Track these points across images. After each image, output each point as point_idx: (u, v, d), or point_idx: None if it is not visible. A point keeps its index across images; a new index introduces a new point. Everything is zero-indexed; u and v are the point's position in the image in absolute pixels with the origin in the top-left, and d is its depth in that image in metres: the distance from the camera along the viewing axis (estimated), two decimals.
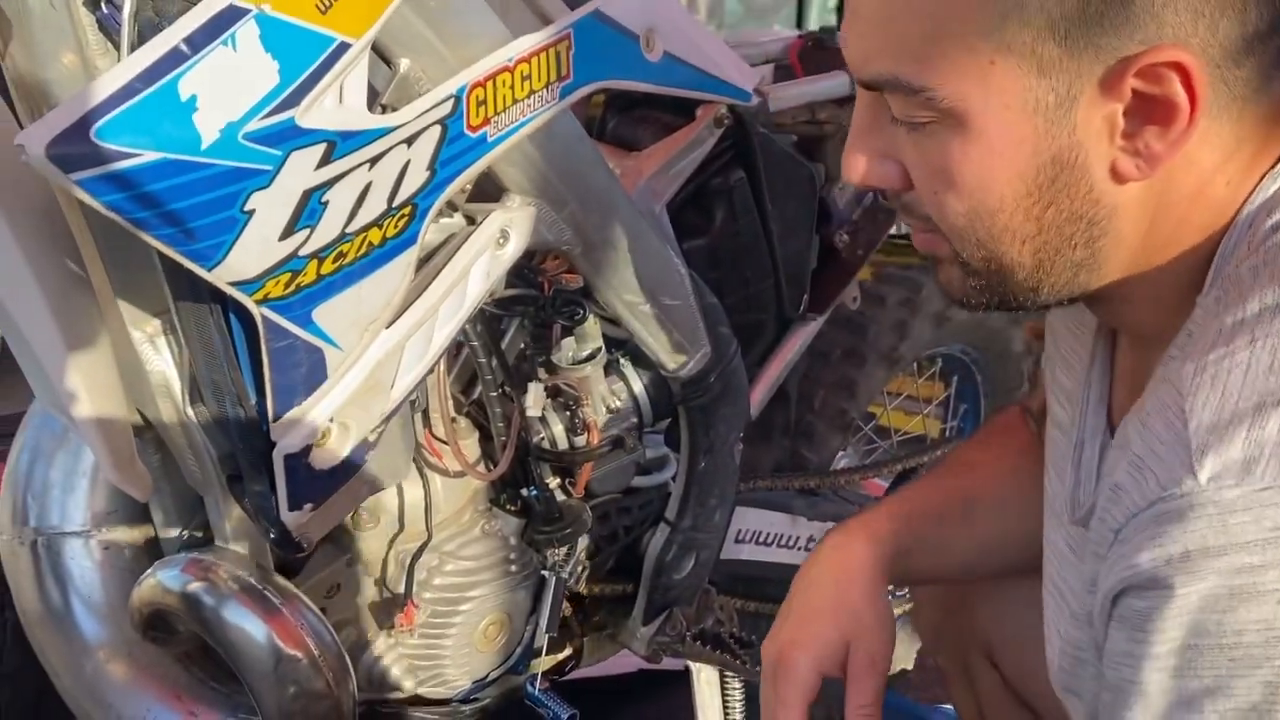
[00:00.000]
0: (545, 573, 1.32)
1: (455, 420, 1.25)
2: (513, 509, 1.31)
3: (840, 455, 1.85)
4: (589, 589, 1.43)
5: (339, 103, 0.89)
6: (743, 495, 1.52)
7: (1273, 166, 0.71)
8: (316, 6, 0.85)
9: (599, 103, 1.47)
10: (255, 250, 0.88)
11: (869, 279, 1.83)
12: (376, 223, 0.96)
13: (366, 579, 1.26)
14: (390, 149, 0.94)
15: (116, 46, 0.84)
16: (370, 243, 0.97)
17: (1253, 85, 0.68)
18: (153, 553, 1.17)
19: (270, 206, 0.87)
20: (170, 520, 1.16)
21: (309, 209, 0.90)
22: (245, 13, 0.82)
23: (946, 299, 0.82)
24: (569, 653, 1.45)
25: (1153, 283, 0.74)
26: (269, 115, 0.84)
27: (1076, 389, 0.89)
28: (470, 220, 1.11)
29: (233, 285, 0.89)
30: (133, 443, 1.04)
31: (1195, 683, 0.62)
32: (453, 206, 1.10)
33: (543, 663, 1.38)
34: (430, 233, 1.03)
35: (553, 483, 1.33)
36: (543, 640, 1.33)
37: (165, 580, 1.10)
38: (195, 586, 1.08)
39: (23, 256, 0.93)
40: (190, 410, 1.03)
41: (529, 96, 1.04)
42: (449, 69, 0.99)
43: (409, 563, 1.23)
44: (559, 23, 1.07)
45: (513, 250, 1.11)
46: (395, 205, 0.97)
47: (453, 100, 0.97)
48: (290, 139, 0.86)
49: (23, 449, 1.20)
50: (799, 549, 1.71)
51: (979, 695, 1.15)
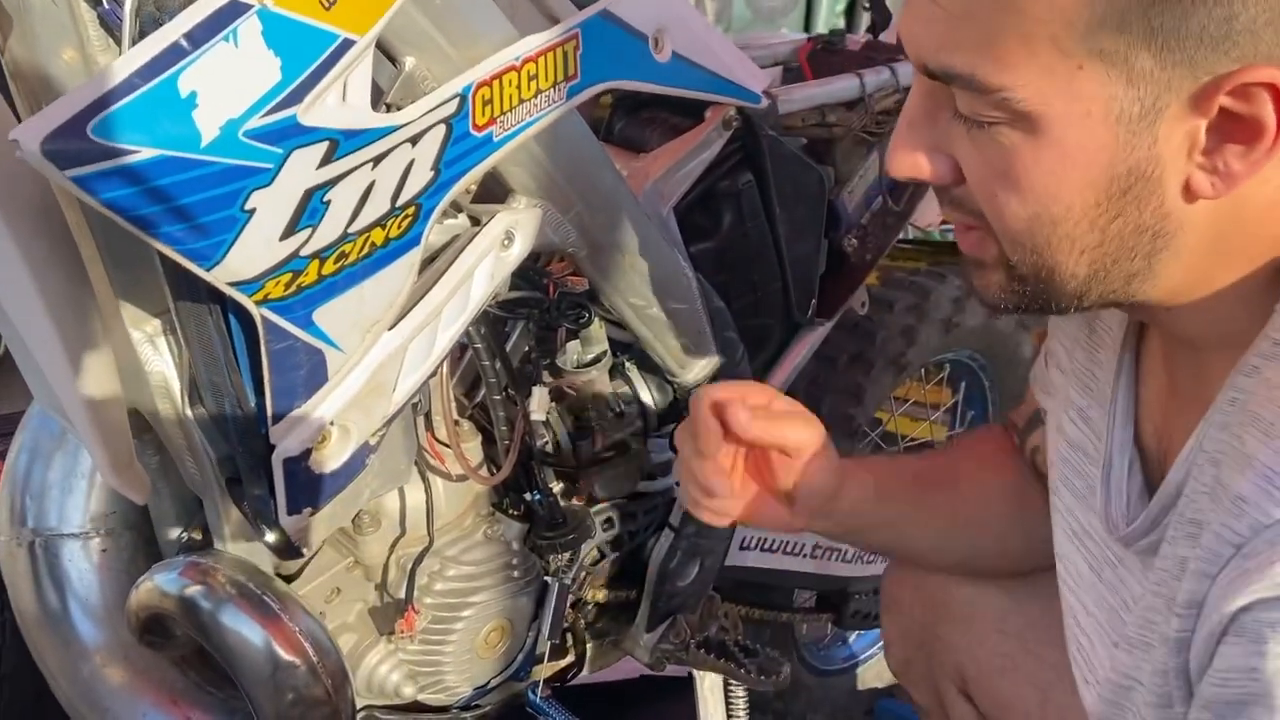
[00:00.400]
0: (548, 578, 1.31)
1: (458, 423, 1.23)
2: (515, 514, 1.30)
3: None
4: (592, 595, 1.42)
5: (342, 101, 0.87)
6: None
7: None
8: (320, 3, 0.84)
9: (606, 103, 1.46)
10: (255, 250, 0.87)
11: (877, 284, 1.82)
12: (379, 223, 0.95)
13: (367, 584, 1.24)
14: (394, 148, 0.92)
15: (118, 42, 0.83)
16: (373, 243, 0.95)
17: None
18: (151, 555, 1.16)
19: (271, 205, 0.85)
20: (169, 522, 1.15)
21: (310, 208, 0.88)
22: (248, 8, 0.80)
23: (980, 301, 0.79)
24: (571, 660, 1.44)
25: (1215, 292, 0.72)
26: (270, 113, 0.83)
27: (1098, 406, 0.87)
28: (475, 221, 1.10)
29: (232, 285, 0.88)
30: (131, 444, 1.03)
31: None
32: (457, 207, 1.09)
33: (545, 670, 1.37)
34: (434, 233, 1.02)
35: (556, 487, 1.32)
36: (545, 647, 1.31)
37: (163, 583, 1.08)
38: (193, 590, 1.07)
39: (20, 255, 0.91)
40: (189, 411, 1.02)
41: (535, 96, 1.03)
42: (454, 68, 0.98)
43: (410, 567, 1.22)
44: (566, 22, 1.06)
45: (518, 252, 1.10)
46: (399, 205, 0.95)
47: (458, 99, 0.96)
48: (292, 137, 0.85)
49: (21, 450, 1.19)
50: (804, 556, 1.70)
51: None
